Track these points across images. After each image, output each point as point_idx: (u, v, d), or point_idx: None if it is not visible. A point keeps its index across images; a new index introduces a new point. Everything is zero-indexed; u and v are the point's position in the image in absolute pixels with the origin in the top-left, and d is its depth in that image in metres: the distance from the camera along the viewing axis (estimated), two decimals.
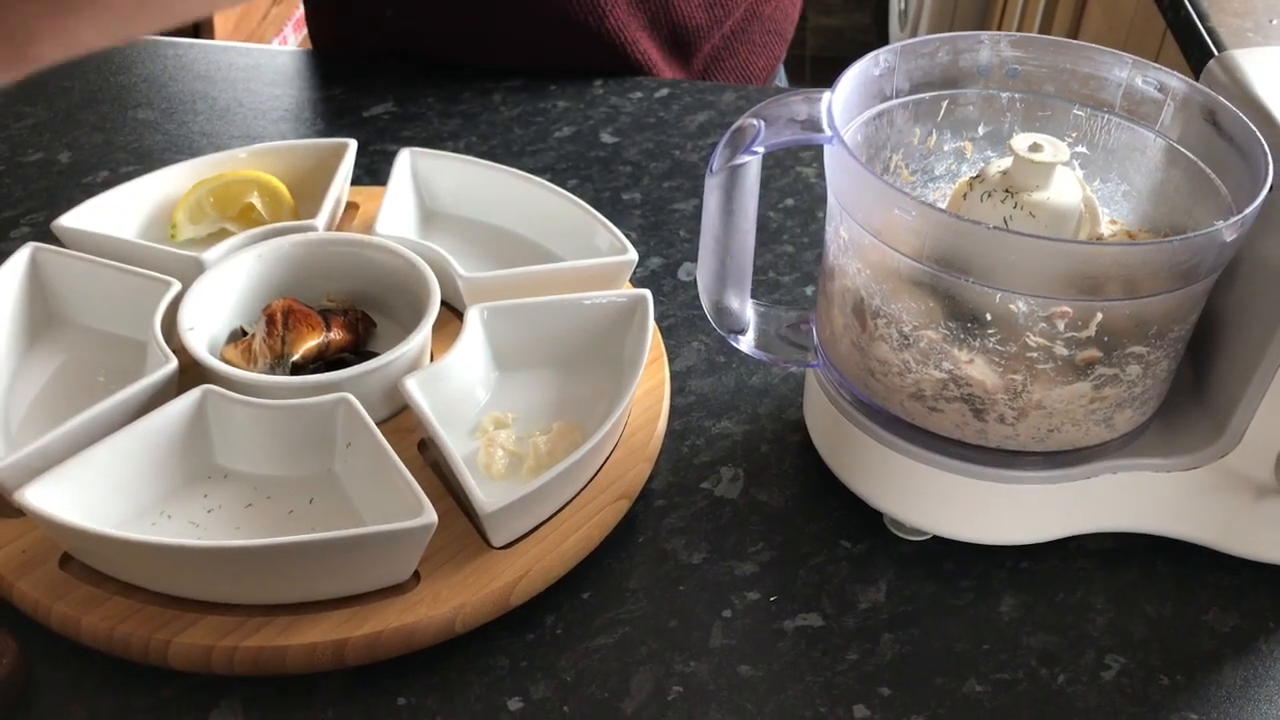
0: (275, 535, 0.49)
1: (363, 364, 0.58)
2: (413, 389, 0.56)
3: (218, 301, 0.62)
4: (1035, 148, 0.50)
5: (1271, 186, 0.46)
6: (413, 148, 0.72)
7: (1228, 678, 0.52)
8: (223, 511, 0.54)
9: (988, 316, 0.48)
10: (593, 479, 0.57)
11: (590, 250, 0.67)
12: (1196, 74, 0.55)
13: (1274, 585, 0.56)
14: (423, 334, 0.59)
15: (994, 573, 0.56)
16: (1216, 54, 0.54)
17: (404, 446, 0.57)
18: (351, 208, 0.74)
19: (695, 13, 0.93)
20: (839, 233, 0.52)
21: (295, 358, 0.59)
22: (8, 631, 0.49)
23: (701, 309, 0.57)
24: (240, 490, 0.55)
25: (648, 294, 0.62)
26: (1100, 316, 0.47)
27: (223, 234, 0.69)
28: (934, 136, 0.57)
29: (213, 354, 0.59)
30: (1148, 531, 0.56)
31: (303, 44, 1.07)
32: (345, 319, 0.62)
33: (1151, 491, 0.54)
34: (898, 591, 0.55)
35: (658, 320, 0.68)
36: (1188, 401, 0.55)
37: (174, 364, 0.57)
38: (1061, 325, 0.47)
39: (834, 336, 0.55)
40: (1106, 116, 0.55)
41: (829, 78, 0.52)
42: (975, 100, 0.56)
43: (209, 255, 0.63)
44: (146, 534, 0.52)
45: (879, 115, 0.55)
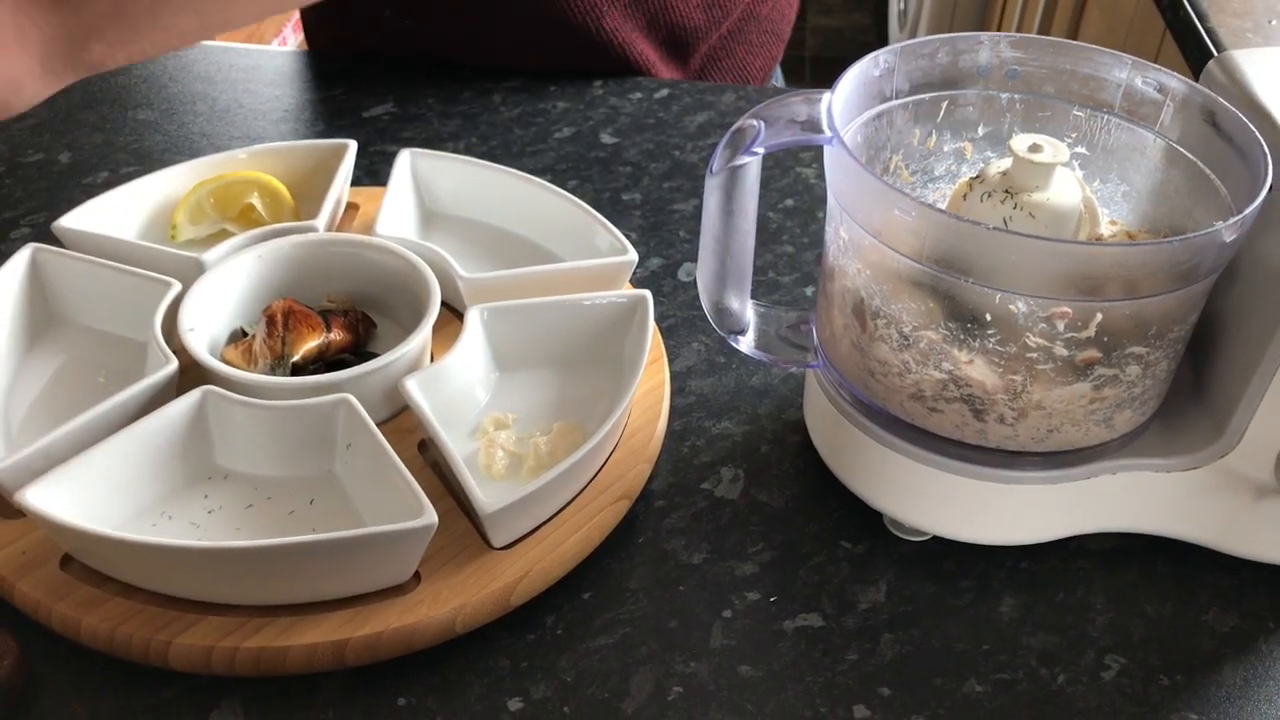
0: (276, 536, 0.49)
1: (363, 365, 0.58)
2: (413, 389, 0.56)
3: (218, 302, 0.62)
4: (1035, 148, 0.50)
5: (1271, 187, 0.47)
6: (413, 148, 0.72)
7: (1227, 678, 0.52)
8: (223, 512, 0.54)
9: (987, 317, 0.48)
10: (593, 479, 0.57)
11: (590, 251, 0.67)
12: (1196, 74, 0.55)
13: (1274, 585, 0.56)
14: (423, 335, 0.60)
15: (994, 573, 0.56)
16: (1216, 54, 0.54)
17: (404, 447, 0.57)
18: (351, 208, 0.74)
19: (694, 14, 0.93)
20: (839, 233, 0.52)
21: (295, 358, 0.59)
22: (8, 632, 0.49)
23: (701, 309, 0.57)
24: (241, 491, 0.55)
25: (648, 294, 0.62)
26: (1100, 317, 0.47)
27: (223, 235, 0.69)
28: (934, 137, 0.57)
29: (213, 355, 0.59)
30: (1148, 532, 0.56)
31: (302, 45, 1.07)
32: (345, 320, 0.62)
33: (1151, 492, 0.54)
34: (898, 592, 0.55)
35: (658, 321, 0.69)
36: (1187, 402, 0.55)
37: (174, 365, 0.57)
38: (1061, 326, 0.47)
39: (834, 337, 0.55)
40: (1106, 117, 0.55)
41: (828, 78, 0.52)
42: (975, 101, 0.56)
43: (209, 256, 0.64)
44: (147, 535, 0.52)
45: (879, 116, 0.55)
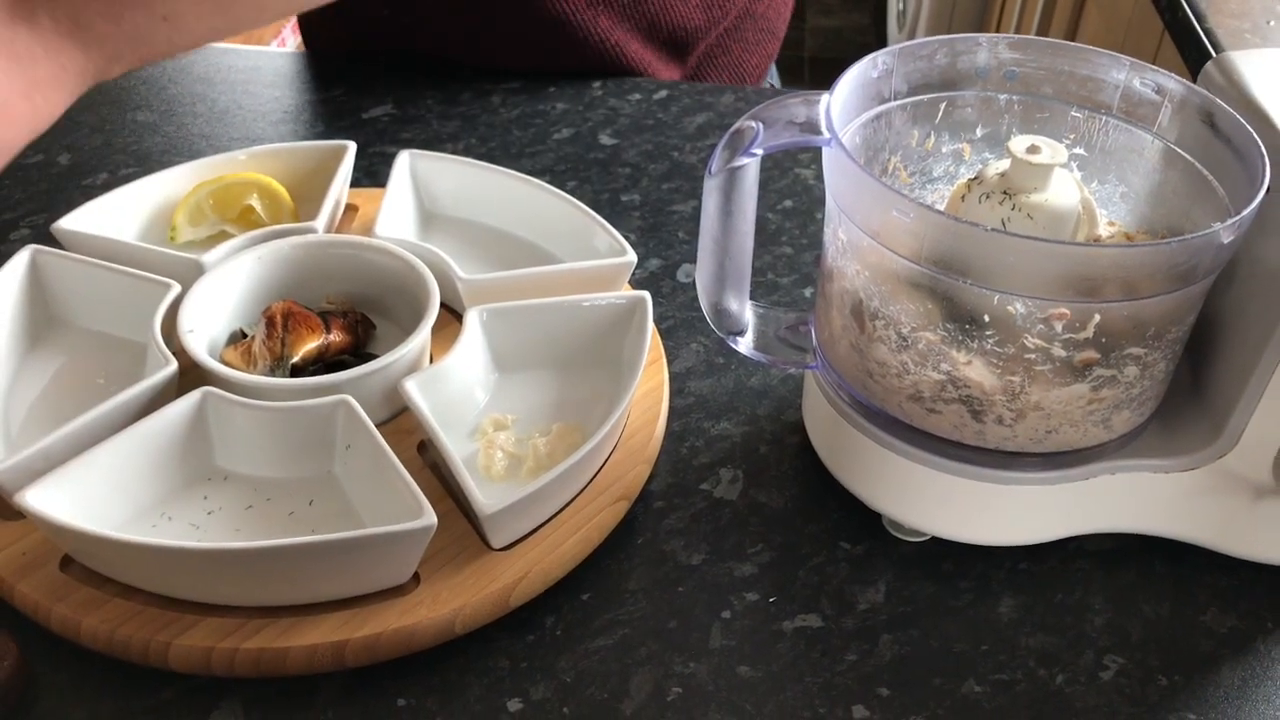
0: (275, 537, 0.49)
1: (362, 366, 0.58)
2: (412, 391, 0.56)
3: (217, 304, 0.62)
4: (1033, 149, 0.50)
5: (1269, 188, 0.47)
6: (412, 150, 0.72)
7: (1226, 678, 0.52)
8: (223, 513, 0.54)
9: (986, 318, 0.48)
10: (592, 480, 0.57)
11: (589, 252, 0.67)
12: (1194, 76, 0.55)
13: (1272, 586, 0.56)
14: (422, 336, 0.60)
15: (993, 573, 0.56)
16: (1214, 55, 0.55)
17: (403, 448, 0.57)
18: (351, 210, 0.75)
19: (694, 14, 0.93)
20: (837, 234, 0.53)
21: (295, 360, 0.59)
22: (8, 634, 0.49)
23: (700, 310, 0.57)
24: (240, 492, 0.55)
25: (647, 295, 0.62)
26: (1098, 318, 0.47)
27: (222, 236, 0.69)
28: (932, 138, 0.57)
29: (212, 356, 0.59)
30: (1146, 532, 0.56)
31: (300, 46, 1.07)
32: (345, 321, 0.62)
33: (1150, 492, 0.54)
34: (897, 592, 0.55)
35: (657, 322, 0.69)
36: (1185, 402, 0.55)
37: (174, 366, 0.57)
38: (1059, 327, 0.47)
39: (832, 338, 0.55)
40: (1104, 118, 0.55)
41: (827, 79, 0.52)
42: (973, 102, 0.56)
43: (209, 257, 0.64)
44: (147, 536, 0.52)
45: (877, 117, 0.55)
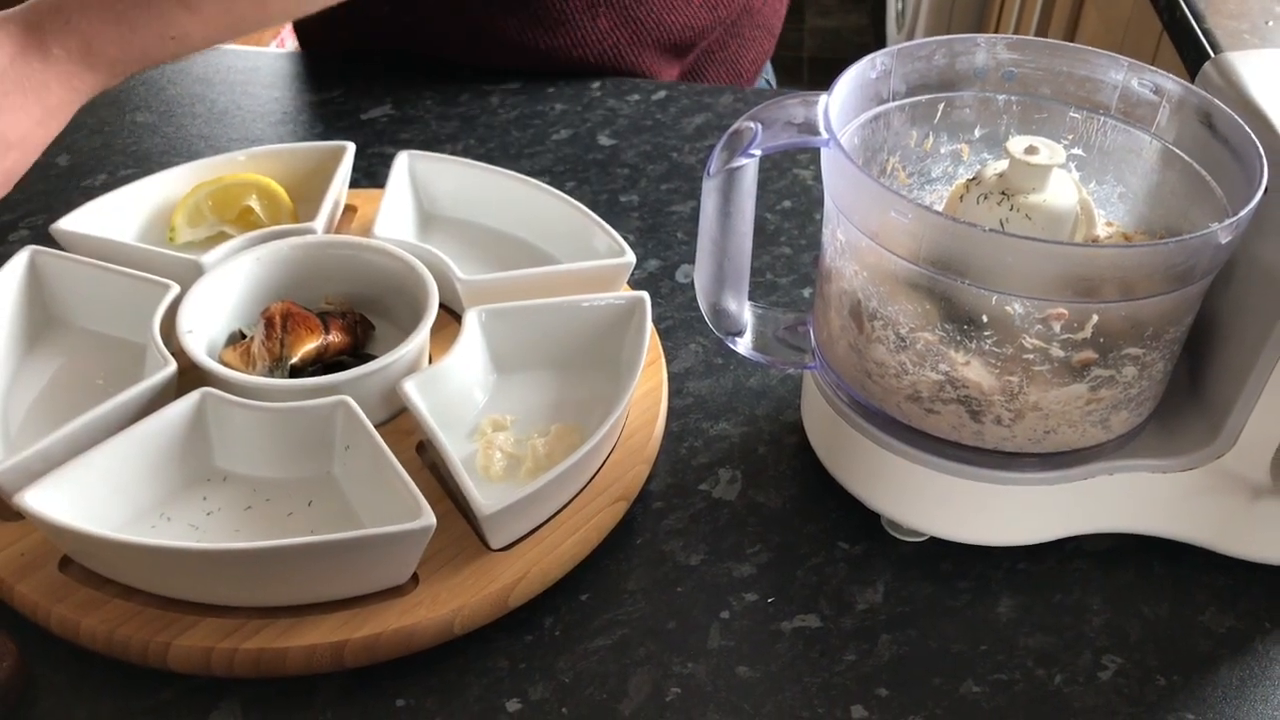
0: (274, 538, 0.49)
1: (361, 366, 0.58)
2: (411, 391, 0.57)
3: (216, 304, 0.62)
4: (1031, 150, 0.51)
5: (1266, 188, 0.47)
6: (411, 150, 0.72)
7: (1224, 678, 0.52)
8: (222, 514, 0.54)
9: (984, 318, 0.48)
10: (591, 481, 0.57)
11: (588, 252, 0.67)
12: (1193, 76, 0.56)
13: (1270, 585, 0.56)
14: (421, 336, 0.60)
15: (991, 574, 0.56)
16: (1212, 56, 0.55)
17: (402, 449, 0.57)
18: (350, 210, 0.75)
19: (700, 14, 0.93)
20: (836, 235, 0.53)
21: (294, 360, 0.59)
22: (7, 634, 0.50)
23: (699, 311, 0.57)
24: (239, 493, 0.55)
25: (645, 296, 0.62)
26: (1096, 318, 0.47)
27: (221, 237, 0.69)
28: (931, 139, 0.57)
29: (211, 357, 0.59)
30: (1144, 532, 0.56)
31: (299, 48, 1.07)
32: (343, 321, 0.62)
33: (1148, 492, 0.54)
34: (895, 592, 0.55)
35: (655, 322, 0.69)
36: (1184, 403, 0.55)
37: (173, 367, 0.57)
38: (1057, 327, 0.47)
39: (831, 338, 0.55)
40: (1102, 119, 0.55)
41: (826, 79, 0.52)
42: (972, 103, 0.56)
43: (208, 258, 0.64)
44: (146, 537, 0.52)
45: (876, 118, 0.55)
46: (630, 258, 0.65)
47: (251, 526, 0.54)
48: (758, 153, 0.50)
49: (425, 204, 0.73)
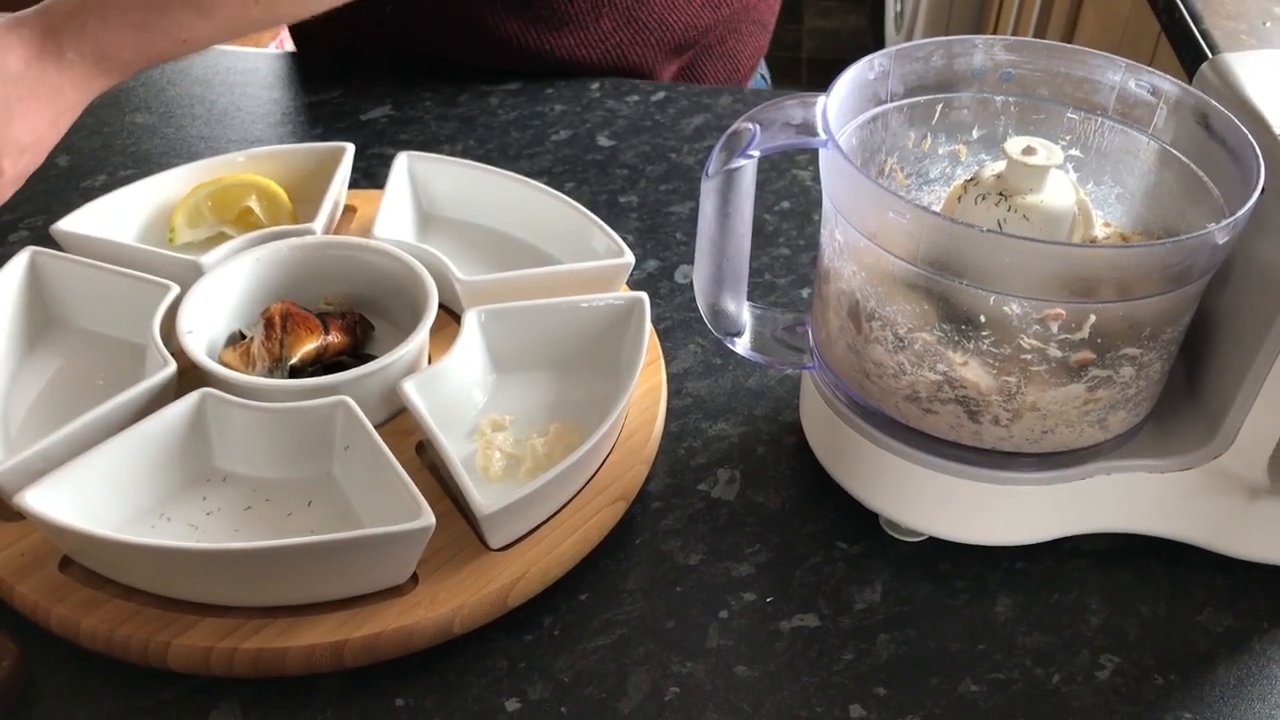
0: (274, 538, 0.49)
1: (361, 367, 0.58)
2: (411, 391, 0.57)
3: (216, 305, 0.62)
4: (1029, 151, 0.51)
5: (1263, 189, 0.47)
6: (410, 151, 0.72)
7: (1221, 677, 0.52)
8: (222, 514, 0.55)
9: (982, 319, 0.48)
10: (590, 481, 0.57)
11: (587, 253, 0.68)
12: (1190, 77, 0.56)
13: (1267, 585, 0.56)
14: (420, 337, 0.60)
15: (989, 573, 0.56)
16: (1210, 57, 0.55)
17: (402, 449, 0.57)
18: (349, 211, 0.75)
19: (702, 13, 0.94)
20: (834, 236, 0.53)
21: (293, 361, 0.59)
22: (8, 634, 0.50)
23: (698, 311, 0.57)
24: (239, 493, 0.56)
25: (644, 296, 0.62)
26: (1093, 318, 0.47)
27: (221, 237, 0.69)
28: (929, 140, 0.57)
29: (211, 357, 0.59)
30: (1142, 532, 0.57)
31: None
32: (343, 322, 0.62)
33: (1145, 492, 0.54)
34: (894, 592, 0.55)
35: (654, 323, 0.69)
36: (1181, 403, 0.55)
37: (173, 367, 0.57)
38: (1055, 327, 0.48)
39: (829, 339, 0.55)
40: (1100, 120, 0.55)
41: (824, 80, 0.52)
42: (970, 104, 0.57)
43: (207, 259, 0.64)
44: (146, 537, 0.52)
45: (874, 119, 0.55)
46: (629, 258, 0.65)
47: (251, 527, 0.54)
48: (756, 153, 0.50)
49: (424, 205, 0.73)
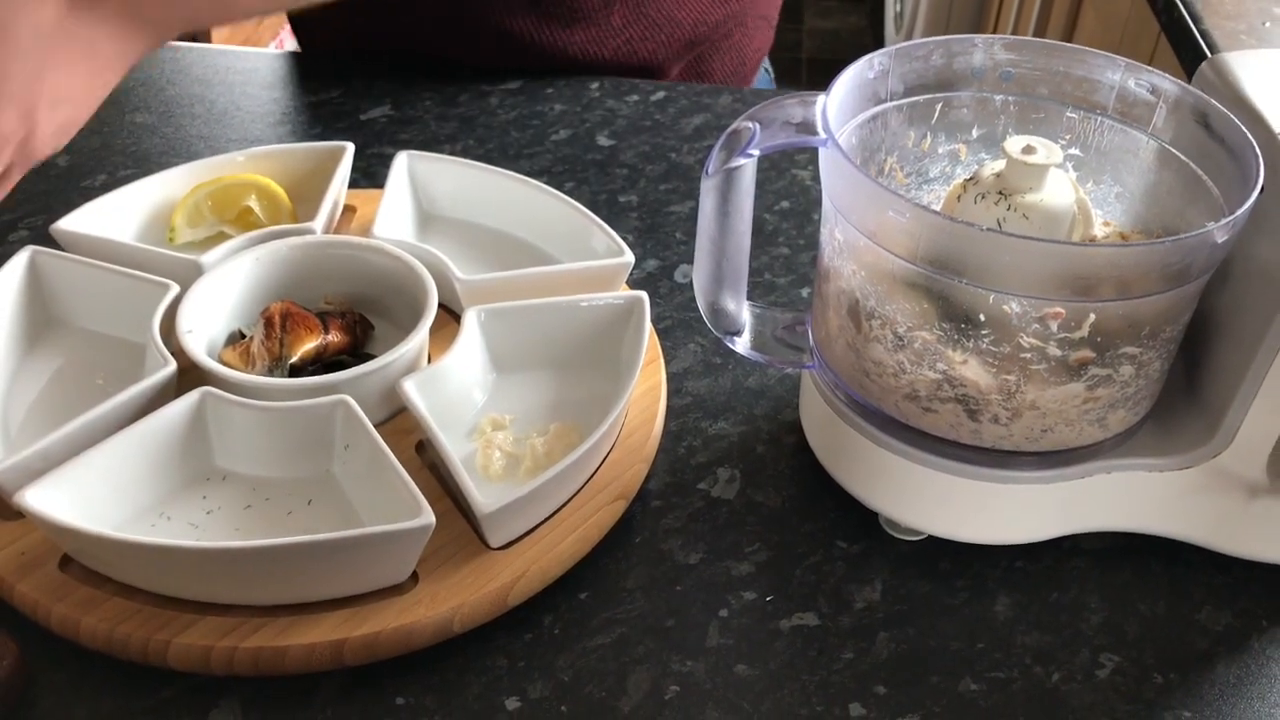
0: (274, 536, 0.49)
1: (361, 366, 0.58)
2: (410, 391, 0.57)
3: (216, 304, 0.62)
4: (1029, 150, 0.51)
5: (1262, 188, 0.47)
6: (410, 151, 0.72)
7: (1221, 676, 0.52)
8: (222, 513, 0.55)
9: (981, 317, 0.48)
10: (590, 480, 0.57)
11: (587, 252, 0.68)
12: (1190, 76, 0.56)
13: (1267, 584, 0.56)
14: (420, 336, 0.60)
15: (989, 572, 0.56)
16: (1209, 56, 0.55)
17: (402, 448, 0.58)
18: (349, 211, 0.75)
19: (712, 9, 0.94)
20: (834, 235, 0.53)
21: (293, 360, 0.59)
22: (8, 633, 0.50)
23: (698, 311, 0.57)
24: (239, 492, 0.56)
25: (644, 296, 0.62)
26: (1093, 317, 0.47)
27: (221, 237, 0.69)
28: (928, 139, 0.57)
29: (211, 356, 0.59)
30: (1141, 531, 0.57)
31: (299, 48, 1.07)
32: (343, 321, 0.62)
33: (1145, 491, 0.54)
34: (893, 591, 0.55)
35: (654, 322, 0.69)
36: (1180, 401, 0.56)
37: (173, 366, 0.57)
38: (1055, 326, 0.48)
39: (829, 338, 0.55)
40: (1099, 119, 0.55)
41: (824, 80, 0.52)
42: (969, 103, 0.57)
43: (207, 258, 0.64)
44: (146, 535, 0.52)
45: (874, 118, 0.55)
46: (629, 258, 0.65)
47: (251, 525, 0.54)
48: (756, 153, 0.51)
49: (424, 204, 0.73)
